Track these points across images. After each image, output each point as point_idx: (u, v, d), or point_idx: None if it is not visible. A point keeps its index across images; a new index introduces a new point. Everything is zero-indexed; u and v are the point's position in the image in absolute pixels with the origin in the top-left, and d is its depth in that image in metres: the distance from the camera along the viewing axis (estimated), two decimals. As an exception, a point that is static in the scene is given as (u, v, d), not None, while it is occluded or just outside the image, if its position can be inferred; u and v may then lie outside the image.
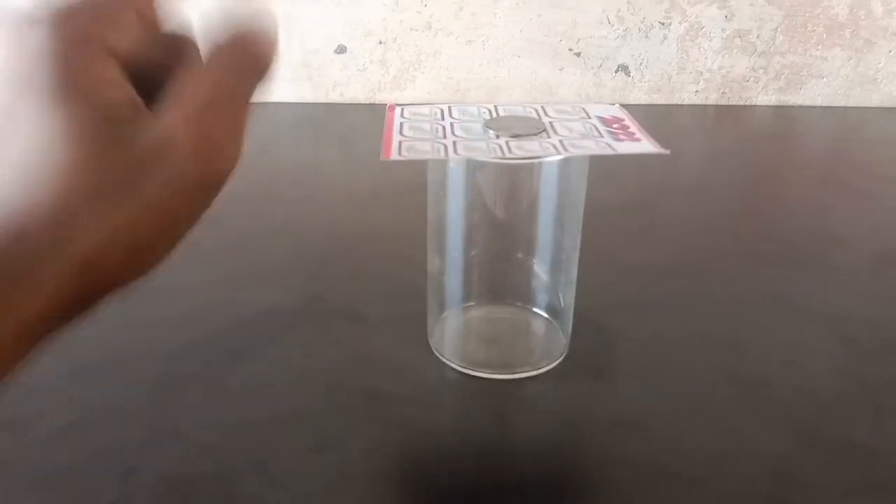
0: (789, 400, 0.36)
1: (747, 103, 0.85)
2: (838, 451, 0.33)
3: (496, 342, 0.40)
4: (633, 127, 0.34)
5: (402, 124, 0.34)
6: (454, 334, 0.40)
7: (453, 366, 0.38)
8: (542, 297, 0.40)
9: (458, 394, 0.37)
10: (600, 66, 0.83)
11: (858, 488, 0.31)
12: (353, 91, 0.84)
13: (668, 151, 0.31)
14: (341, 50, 0.82)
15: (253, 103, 0.22)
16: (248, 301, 0.44)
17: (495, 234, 0.37)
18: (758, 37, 0.81)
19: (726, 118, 0.83)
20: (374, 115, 0.34)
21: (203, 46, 0.23)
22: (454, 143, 0.32)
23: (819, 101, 0.85)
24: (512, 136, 0.32)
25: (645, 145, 0.32)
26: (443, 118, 0.35)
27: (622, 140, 0.32)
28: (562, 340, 0.39)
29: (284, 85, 0.83)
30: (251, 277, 0.47)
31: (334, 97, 0.84)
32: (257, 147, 0.71)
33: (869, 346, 0.40)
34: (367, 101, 0.84)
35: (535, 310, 0.40)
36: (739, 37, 0.81)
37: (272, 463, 0.32)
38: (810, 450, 0.33)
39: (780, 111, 0.84)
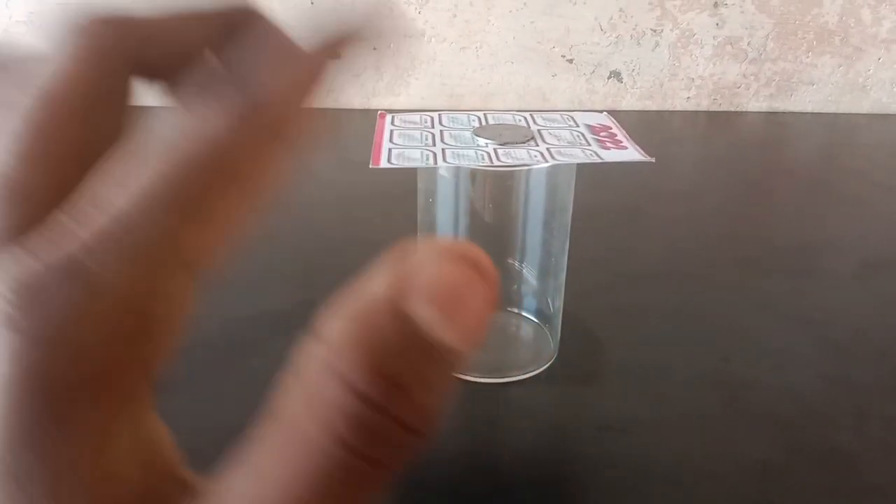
0: (774, 404, 0.36)
1: (738, 110, 0.86)
2: (822, 455, 0.33)
3: (485, 346, 0.40)
4: (620, 135, 0.35)
5: (392, 132, 0.34)
6: (444, 339, 0.40)
7: (443, 370, 0.38)
8: (530, 302, 0.40)
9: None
10: (593, 72, 0.83)
11: (842, 492, 0.31)
12: (347, 96, 0.84)
13: (653, 159, 0.31)
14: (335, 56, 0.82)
15: None
16: (238, 307, 0.44)
17: (484, 239, 0.37)
18: (749, 44, 0.82)
19: (717, 124, 0.83)
20: (367, 121, 0.34)
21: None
22: (443, 150, 0.32)
23: (809, 108, 0.86)
24: (500, 144, 0.33)
25: (631, 153, 0.32)
26: (433, 126, 0.35)
27: (609, 148, 0.33)
28: (550, 345, 0.39)
29: (279, 90, 0.84)
30: (241, 283, 0.47)
31: (328, 102, 0.85)
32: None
33: (854, 352, 0.41)
34: (362, 107, 0.85)
35: (524, 314, 0.41)
36: (731, 44, 0.82)
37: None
38: (794, 454, 0.33)
39: (771, 117, 0.85)
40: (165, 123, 0.12)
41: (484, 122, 0.36)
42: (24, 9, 0.79)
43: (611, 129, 0.36)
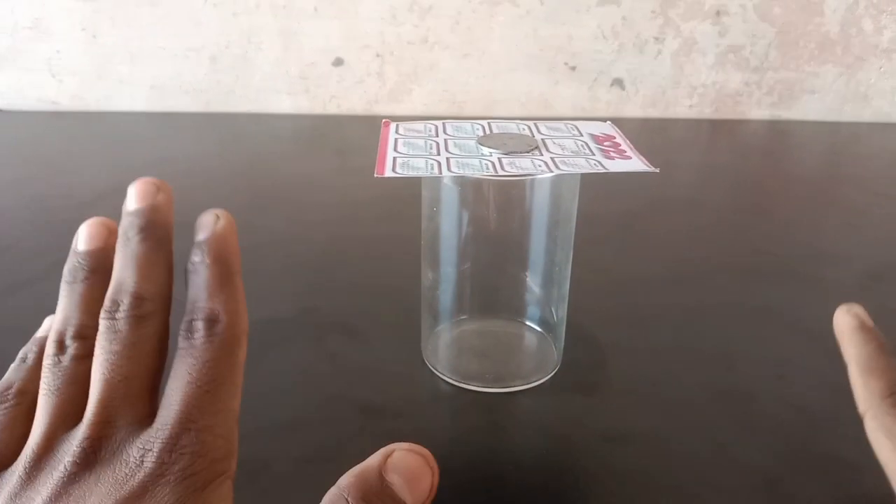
0: (778, 414, 0.36)
1: (741, 118, 0.86)
2: (825, 465, 0.33)
3: (489, 356, 0.40)
4: (624, 145, 0.35)
5: (396, 140, 0.35)
6: (447, 347, 0.40)
7: (446, 379, 0.38)
8: (534, 311, 0.40)
9: (450, 407, 0.37)
10: (595, 80, 0.83)
11: (845, 503, 0.31)
12: (350, 103, 0.85)
13: (657, 170, 0.31)
14: (339, 62, 0.82)
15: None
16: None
17: (488, 248, 0.38)
18: (751, 52, 0.82)
19: (720, 132, 0.83)
20: (370, 127, 0.34)
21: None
22: (448, 159, 0.32)
23: (811, 116, 0.86)
24: (504, 154, 0.33)
25: (635, 163, 0.32)
26: (437, 135, 0.35)
27: (613, 158, 0.33)
28: (554, 354, 0.39)
29: (282, 97, 0.84)
30: (245, 290, 0.47)
31: (331, 109, 0.85)
32: (253, 158, 0.72)
33: (857, 361, 0.41)
34: (365, 114, 0.85)
35: (527, 323, 0.41)
36: (733, 52, 0.82)
37: (265, 473, 0.32)
38: (798, 464, 0.33)
39: (773, 126, 0.85)
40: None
41: (488, 131, 0.36)
42: (29, 14, 0.79)
43: (614, 138, 0.36)
